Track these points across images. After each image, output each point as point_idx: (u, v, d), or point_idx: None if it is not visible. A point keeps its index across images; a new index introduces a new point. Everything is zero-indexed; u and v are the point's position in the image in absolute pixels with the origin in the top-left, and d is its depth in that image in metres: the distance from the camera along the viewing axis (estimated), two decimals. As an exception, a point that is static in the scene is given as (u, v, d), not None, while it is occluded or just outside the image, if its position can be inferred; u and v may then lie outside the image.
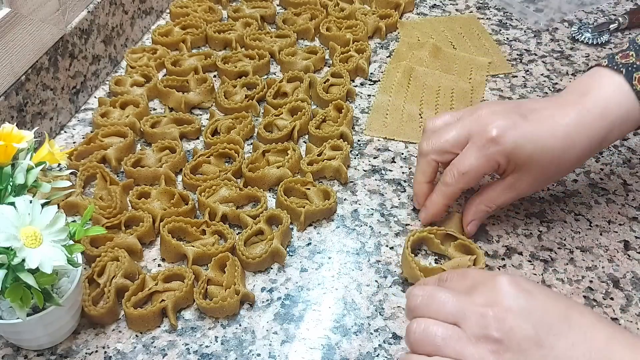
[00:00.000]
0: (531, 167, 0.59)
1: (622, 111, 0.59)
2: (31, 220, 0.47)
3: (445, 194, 0.63)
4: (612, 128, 0.59)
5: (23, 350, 0.56)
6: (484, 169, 0.60)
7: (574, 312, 0.46)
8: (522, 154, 0.58)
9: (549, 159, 0.59)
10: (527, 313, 0.45)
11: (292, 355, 0.56)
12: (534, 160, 0.59)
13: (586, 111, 0.59)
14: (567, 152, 0.59)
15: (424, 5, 1.04)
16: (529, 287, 0.47)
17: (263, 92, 0.83)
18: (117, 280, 0.59)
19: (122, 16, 0.90)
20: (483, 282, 0.48)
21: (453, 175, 0.61)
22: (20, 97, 0.70)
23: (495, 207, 0.64)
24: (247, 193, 0.69)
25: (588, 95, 0.60)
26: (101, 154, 0.73)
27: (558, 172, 0.62)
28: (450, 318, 0.47)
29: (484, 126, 0.59)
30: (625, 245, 0.66)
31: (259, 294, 0.61)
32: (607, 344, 0.44)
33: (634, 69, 0.59)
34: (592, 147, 0.60)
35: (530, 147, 0.58)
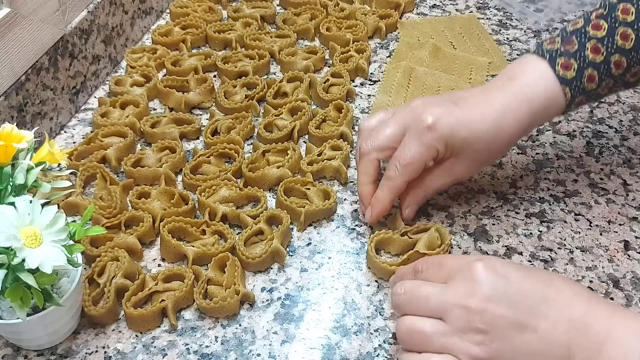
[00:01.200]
0: (466, 151, 0.61)
1: (546, 95, 0.61)
2: (31, 220, 0.47)
3: (390, 188, 0.63)
4: (537, 112, 0.61)
5: (23, 350, 0.56)
6: (425, 157, 0.61)
7: (551, 289, 0.47)
8: (457, 139, 0.60)
9: (483, 142, 0.61)
10: (506, 299, 0.46)
11: (292, 355, 0.56)
12: (468, 144, 0.60)
13: (512, 96, 0.61)
14: (498, 135, 0.61)
15: (424, 5, 1.04)
16: (504, 271, 0.48)
17: (263, 92, 0.83)
18: (117, 280, 0.59)
19: (122, 16, 0.90)
20: (460, 271, 0.49)
21: (396, 168, 0.62)
22: (20, 97, 0.70)
23: (432, 191, 0.65)
24: (247, 193, 0.69)
25: (515, 80, 0.62)
26: (101, 154, 0.73)
27: (491, 155, 0.64)
28: (434, 313, 0.48)
29: (418, 115, 0.61)
30: (625, 245, 0.66)
31: (259, 294, 0.61)
32: (584, 319, 0.46)
33: (557, 54, 0.62)
34: (521, 130, 0.62)
35: (464, 132, 0.60)
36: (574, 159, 0.76)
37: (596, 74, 0.61)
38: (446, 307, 0.48)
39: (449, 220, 0.68)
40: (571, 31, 0.63)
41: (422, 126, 0.60)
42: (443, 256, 0.58)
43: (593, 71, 0.61)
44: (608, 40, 0.61)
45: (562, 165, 0.75)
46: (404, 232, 0.64)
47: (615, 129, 0.80)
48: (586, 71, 0.61)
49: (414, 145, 0.60)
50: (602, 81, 0.62)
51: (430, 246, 0.62)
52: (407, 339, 0.49)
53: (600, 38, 0.61)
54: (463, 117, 0.60)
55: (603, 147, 0.78)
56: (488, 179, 0.73)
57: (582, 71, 0.61)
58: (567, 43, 0.62)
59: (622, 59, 0.61)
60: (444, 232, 0.63)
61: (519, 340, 0.46)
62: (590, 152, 0.77)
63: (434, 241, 0.62)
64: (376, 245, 0.63)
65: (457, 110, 0.60)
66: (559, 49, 0.62)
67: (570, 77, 0.61)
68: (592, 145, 0.78)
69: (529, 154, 0.76)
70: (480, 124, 0.60)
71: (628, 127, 0.81)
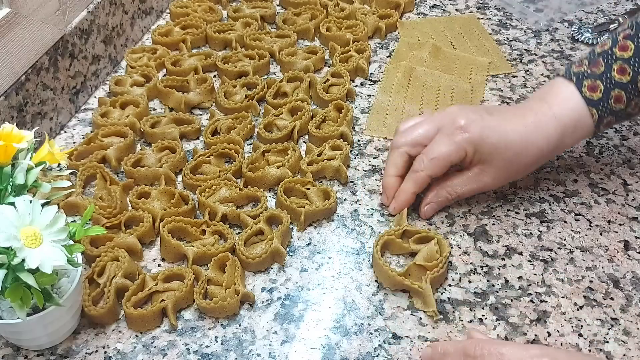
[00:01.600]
0: (494, 159, 0.63)
1: (574, 116, 0.63)
2: (31, 220, 0.47)
3: (414, 181, 0.65)
4: (566, 131, 0.63)
5: (23, 350, 0.56)
6: (452, 155, 0.63)
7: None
8: (487, 144, 0.62)
9: (511, 152, 0.63)
10: None
11: (292, 355, 0.56)
12: (497, 152, 0.63)
13: (542, 114, 0.63)
14: (527, 147, 0.63)
15: (424, 5, 1.04)
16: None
17: (263, 92, 0.83)
18: (117, 280, 0.59)
19: (122, 16, 0.90)
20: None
21: (422, 161, 0.64)
22: (20, 97, 0.70)
23: (456, 195, 0.66)
24: (247, 193, 0.69)
25: (545, 101, 0.64)
26: (101, 154, 0.73)
27: (519, 168, 0.65)
28: None
29: (453, 117, 0.64)
30: (625, 245, 0.66)
31: (259, 294, 0.61)
32: None
33: (583, 77, 0.64)
34: (550, 147, 0.64)
35: (494, 138, 0.62)
36: (574, 159, 0.76)
37: (623, 95, 0.63)
38: None
39: (449, 220, 0.68)
40: (598, 53, 0.65)
41: (455, 126, 0.63)
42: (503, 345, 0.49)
43: (620, 92, 0.63)
44: (635, 60, 0.62)
45: (562, 165, 0.75)
46: (406, 233, 0.64)
47: (615, 129, 0.80)
48: (613, 92, 0.63)
49: (444, 142, 0.63)
50: (631, 101, 0.63)
51: (429, 259, 0.61)
52: None
53: (626, 59, 0.62)
54: (495, 125, 0.63)
55: (603, 147, 0.78)
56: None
57: (608, 92, 0.63)
58: (593, 65, 0.64)
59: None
60: (443, 243, 0.63)
61: None
62: (590, 152, 0.77)
63: (433, 254, 0.62)
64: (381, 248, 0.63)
65: (491, 119, 0.63)
66: (586, 71, 0.64)
67: (597, 98, 0.63)
68: (592, 145, 0.78)
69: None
70: (510, 134, 0.62)
71: (628, 127, 0.81)
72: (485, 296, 0.61)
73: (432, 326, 0.58)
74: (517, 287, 0.62)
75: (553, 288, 0.62)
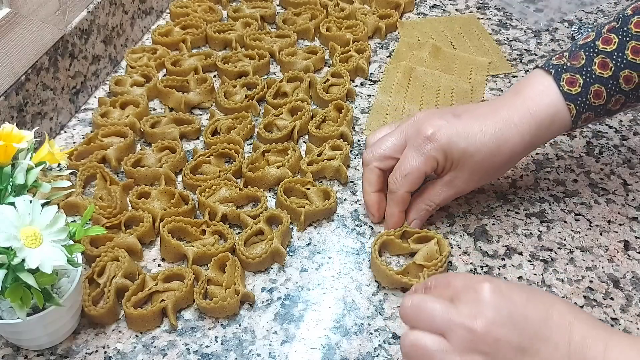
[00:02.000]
0: (466, 163, 0.61)
1: (550, 111, 0.61)
2: (31, 220, 0.47)
3: (395, 201, 0.64)
4: (541, 126, 0.61)
5: (23, 350, 0.56)
6: (424, 167, 0.61)
7: (553, 312, 0.47)
8: (456, 150, 0.60)
9: (483, 154, 0.61)
10: (510, 323, 0.46)
11: (292, 355, 0.56)
12: (467, 156, 0.61)
13: (515, 109, 0.61)
14: (498, 147, 0.61)
15: (424, 5, 1.04)
16: (510, 293, 0.48)
17: (263, 92, 0.83)
18: (117, 280, 0.59)
19: (122, 16, 0.90)
20: (466, 291, 0.49)
21: (396, 179, 0.63)
22: (20, 97, 0.70)
23: (435, 205, 0.65)
24: (247, 193, 0.69)
25: (520, 95, 0.62)
26: (101, 154, 0.73)
27: (492, 169, 0.63)
28: (438, 329, 0.48)
29: (419, 127, 0.62)
30: (625, 245, 0.66)
31: (259, 294, 0.61)
32: (582, 343, 0.46)
33: (563, 70, 0.61)
34: (524, 144, 0.61)
35: (463, 143, 0.60)
36: (574, 159, 0.76)
37: (604, 90, 0.60)
38: (450, 325, 0.47)
39: (449, 220, 0.68)
40: (580, 45, 0.62)
41: (422, 137, 0.61)
42: (453, 275, 0.56)
43: (600, 87, 0.60)
44: (617, 55, 0.60)
45: (562, 165, 0.75)
46: (405, 233, 0.64)
47: (615, 129, 0.80)
48: (592, 87, 0.60)
49: (413, 156, 0.61)
50: (612, 97, 0.61)
51: (428, 258, 0.62)
52: (410, 353, 0.49)
53: (609, 52, 0.60)
54: (463, 129, 0.61)
55: (603, 147, 0.78)
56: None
57: (588, 87, 0.60)
58: (574, 58, 0.62)
59: (632, 74, 0.60)
60: (443, 243, 0.63)
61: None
62: (590, 152, 0.77)
63: (433, 254, 0.62)
64: (379, 248, 0.63)
65: (458, 122, 0.61)
66: (565, 64, 0.62)
67: (575, 92, 0.60)
68: (592, 145, 0.78)
69: (529, 154, 0.76)
70: (479, 136, 0.60)
71: (628, 127, 0.81)
72: (485, 296, 0.61)
73: (432, 326, 0.58)
74: (517, 287, 0.62)
75: (553, 288, 0.62)
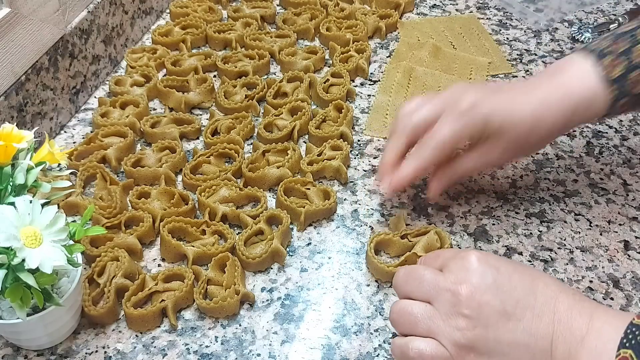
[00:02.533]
0: (502, 137, 0.60)
1: (588, 93, 0.59)
2: (31, 220, 0.47)
3: (417, 161, 0.61)
4: (578, 108, 0.60)
5: (23, 350, 0.56)
6: (459, 135, 0.60)
7: (539, 283, 0.48)
8: (494, 123, 0.59)
9: (519, 130, 0.60)
10: (494, 289, 0.47)
11: (292, 355, 0.56)
12: (504, 130, 0.60)
13: (554, 90, 0.60)
14: (536, 125, 0.60)
15: (424, 5, 1.04)
16: (496, 263, 0.49)
17: (263, 92, 0.83)
18: (117, 280, 0.59)
19: (122, 16, 0.90)
20: (454, 260, 0.50)
21: (428, 143, 0.60)
22: (20, 97, 0.70)
23: (462, 172, 0.63)
24: (247, 193, 0.69)
25: (557, 76, 0.61)
26: (101, 154, 0.73)
27: (527, 145, 0.62)
28: (425, 296, 0.49)
29: (457, 98, 0.60)
30: (625, 245, 0.66)
31: (259, 294, 0.61)
32: (568, 313, 0.47)
33: (604, 53, 0.60)
34: (561, 124, 0.61)
35: (501, 116, 0.59)
36: (574, 159, 0.76)
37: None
38: (437, 290, 0.49)
39: (449, 220, 0.68)
40: (623, 32, 0.61)
41: (460, 107, 0.59)
42: (442, 250, 0.58)
43: None
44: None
45: (562, 165, 0.75)
46: (404, 235, 0.64)
47: (615, 129, 0.80)
48: (632, 73, 0.59)
49: (450, 123, 0.59)
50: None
51: (428, 249, 0.62)
52: (397, 320, 0.51)
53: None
54: (503, 103, 0.60)
55: (603, 147, 0.78)
56: (488, 179, 0.73)
57: (628, 73, 0.59)
58: (615, 43, 0.60)
59: None
60: (443, 235, 0.63)
61: (503, 328, 0.46)
62: (590, 152, 0.77)
63: (433, 244, 0.62)
64: (376, 246, 0.63)
65: (495, 97, 0.60)
66: (607, 47, 0.60)
67: (616, 76, 0.59)
68: (592, 145, 0.78)
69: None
70: (518, 112, 0.59)
71: (628, 127, 0.81)
72: (485, 296, 0.61)
73: (432, 326, 0.58)
74: (517, 287, 0.62)
75: (553, 288, 0.62)
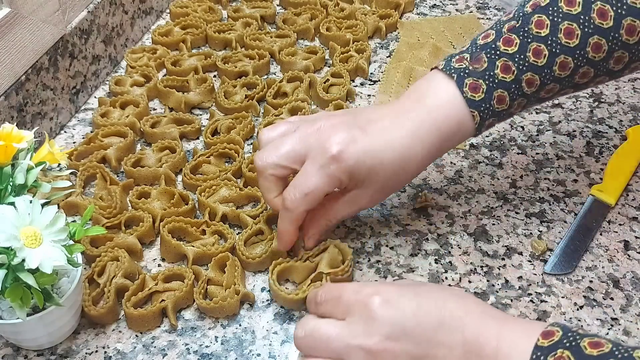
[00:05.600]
0: (371, 182, 0.57)
1: (455, 120, 0.57)
2: (31, 220, 0.47)
3: (291, 220, 0.58)
4: (446, 137, 0.58)
5: (23, 350, 0.56)
6: (326, 187, 0.56)
7: (445, 313, 0.47)
8: (362, 169, 0.56)
9: (389, 172, 0.57)
10: (404, 335, 0.47)
11: (292, 355, 0.56)
12: (373, 174, 0.57)
13: (420, 122, 0.57)
14: (406, 163, 0.57)
15: (424, 5, 1.04)
16: (399, 303, 0.48)
17: (263, 92, 0.83)
18: (117, 280, 0.59)
19: (122, 16, 0.90)
20: (357, 307, 0.49)
21: (295, 197, 0.56)
22: (20, 97, 0.70)
23: (335, 221, 0.61)
24: (247, 193, 0.69)
25: (422, 103, 0.58)
26: (101, 154, 0.73)
27: (398, 183, 0.60)
28: (336, 355, 0.49)
29: (323, 141, 0.56)
30: (625, 245, 0.66)
31: (259, 294, 0.61)
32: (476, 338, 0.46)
33: (465, 74, 0.57)
34: (429, 157, 0.59)
35: (369, 162, 0.56)
36: (574, 159, 0.76)
37: (506, 95, 0.57)
38: (348, 349, 0.48)
39: (449, 220, 0.68)
40: (481, 46, 0.58)
41: (326, 155, 0.55)
42: (342, 287, 0.52)
43: (503, 92, 0.57)
44: (519, 57, 0.57)
45: (562, 165, 0.75)
46: (306, 258, 0.61)
47: (615, 129, 0.80)
48: (495, 92, 0.57)
49: (316, 175, 0.56)
50: (514, 101, 0.58)
51: (332, 264, 0.60)
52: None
53: (511, 54, 0.57)
54: (369, 146, 0.56)
55: (603, 147, 0.78)
56: (488, 179, 0.73)
57: (491, 92, 0.57)
58: (475, 61, 0.58)
59: (534, 77, 0.57)
60: (343, 247, 0.61)
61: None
62: (590, 152, 0.77)
63: (336, 258, 0.61)
64: (279, 276, 0.60)
65: (364, 138, 0.56)
66: (467, 67, 0.57)
67: (479, 99, 0.57)
68: (592, 145, 0.78)
69: (529, 154, 0.76)
70: (387, 153, 0.56)
71: (628, 127, 0.80)
72: (485, 296, 0.61)
73: (432, 326, 0.58)
74: (517, 287, 0.62)
75: (553, 288, 0.62)
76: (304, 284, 0.59)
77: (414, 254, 0.65)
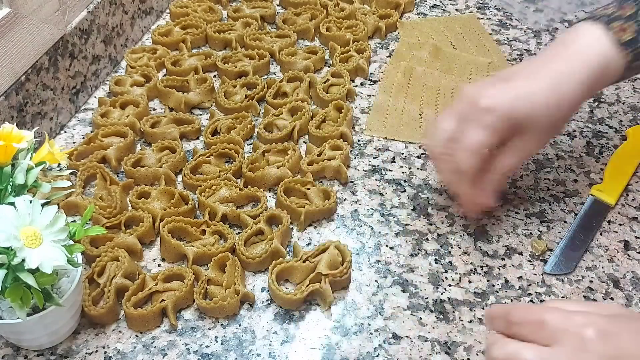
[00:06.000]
0: (530, 125, 0.59)
1: (601, 60, 0.59)
2: (31, 220, 0.47)
3: (465, 180, 0.61)
4: (595, 75, 0.59)
5: (23, 350, 0.56)
6: (488, 140, 0.58)
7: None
8: (519, 115, 0.58)
9: (545, 113, 0.58)
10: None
11: (292, 355, 0.56)
12: (531, 118, 0.58)
13: (567, 61, 0.59)
14: (559, 102, 0.59)
15: (424, 5, 1.04)
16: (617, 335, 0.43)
17: (263, 92, 0.83)
18: (117, 280, 0.59)
19: (122, 16, 0.90)
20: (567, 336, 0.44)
21: (463, 158, 0.59)
22: (20, 97, 0.70)
23: (505, 172, 0.62)
24: (247, 193, 0.69)
25: (568, 46, 0.60)
26: (101, 154, 0.73)
27: (557, 124, 0.61)
28: None
29: (473, 101, 0.59)
30: (625, 245, 0.66)
31: (259, 294, 0.61)
32: None
33: (611, 19, 0.60)
34: (582, 94, 0.59)
35: (525, 106, 0.58)
36: (574, 159, 0.76)
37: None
38: None
39: (449, 220, 0.68)
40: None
41: (479, 110, 0.58)
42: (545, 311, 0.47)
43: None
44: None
45: (562, 165, 0.75)
46: (305, 258, 0.62)
47: (615, 129, 0.80)
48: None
49: (475, 131, 0.58)
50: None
51: (331, 265, 0.60)
52: None
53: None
54: (520, 92, 0.58)
55: (603, 147, 0.78)
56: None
57: (638, 35, 0.59)
58: (621, 8, 0.60)
59: None
60: (343, 248, 0.62)
61: None
62: (590, 152, 0.77)
63: (335, 259, 0.61)
64: (278, 277, 0.60)
65: (511, 87, 0.59)
66: (614, 13, 0.60)
67: (627, 39, 0.59)
68: (592, 145, 0.78)
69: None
70: (538, 95, 0.58)
71: (628, 127, 0.80)
72: (485, 296, 0.61)
73: (432, 326, 0.58)
74: (517, 287, 0.62)
75: (553, 288, 0.62)
76: (302, 284, 0.60)
77: (414, 254, 0.65)
